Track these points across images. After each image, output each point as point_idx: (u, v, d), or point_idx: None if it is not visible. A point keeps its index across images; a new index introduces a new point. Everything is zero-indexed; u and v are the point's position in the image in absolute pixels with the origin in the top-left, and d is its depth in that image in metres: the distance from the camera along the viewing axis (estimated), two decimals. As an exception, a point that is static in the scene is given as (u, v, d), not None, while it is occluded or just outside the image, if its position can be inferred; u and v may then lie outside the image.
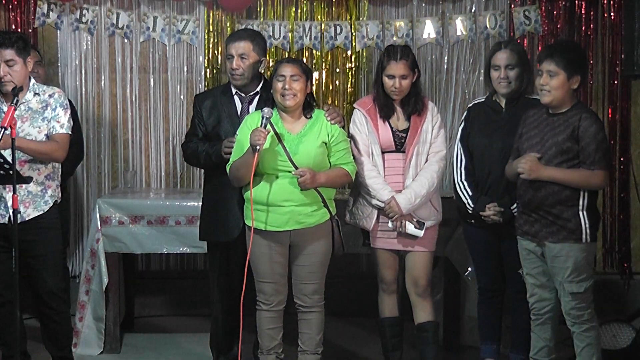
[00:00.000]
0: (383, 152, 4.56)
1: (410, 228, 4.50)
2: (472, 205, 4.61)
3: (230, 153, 4.41)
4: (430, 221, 4.57)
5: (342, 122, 4.51)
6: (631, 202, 6.28)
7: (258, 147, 4.17)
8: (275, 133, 4.31)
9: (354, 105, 4.71)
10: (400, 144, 4.56)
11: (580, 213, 4.15)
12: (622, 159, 6.26)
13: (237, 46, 4.59)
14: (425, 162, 4.58)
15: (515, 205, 4.47)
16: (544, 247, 4.24)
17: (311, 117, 4.41)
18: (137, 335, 5.69)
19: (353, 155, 4.50)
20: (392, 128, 4.56)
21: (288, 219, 4.29)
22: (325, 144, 4.36)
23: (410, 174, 4.54)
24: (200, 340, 5.31)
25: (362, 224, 4.60)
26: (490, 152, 4.58)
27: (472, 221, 4.66)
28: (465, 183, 4.67)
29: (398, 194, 4.49)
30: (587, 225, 4.15)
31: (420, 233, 4.51)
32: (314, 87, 6.26)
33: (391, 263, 4.65)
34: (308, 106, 4.43)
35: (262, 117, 4.26)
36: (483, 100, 4.75)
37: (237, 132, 4.41)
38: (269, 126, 4.26)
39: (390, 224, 4.52)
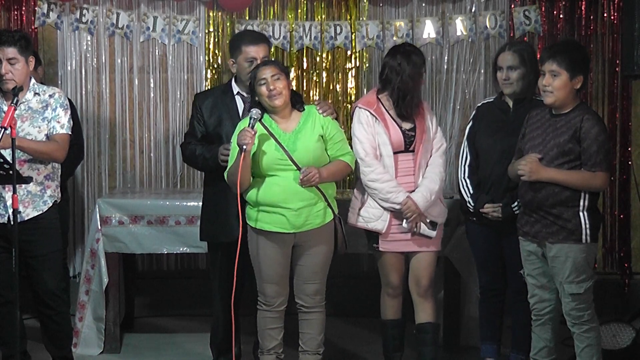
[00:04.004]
0: (394, 153, 4.54)
1: (424, 228, 4.50)
2: (472, 204, 4.63)
3: (226, 161, 4.40)
4: (440, 219, 4.59)
5: (335, 114, 4.50)
6: (631, 202, 6.29)
7: (245, 147, 4.16)
8: (270, 133, 4.31)
9: (358, 104, 4.63)
10: (409, 143, 4.55)
11: (581, 213, 4.15)
12: (622, 159, 6.27)
13: (260, 49, 4.57)
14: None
15: (515, 203, 4.48)
16: (544, 247, 4.23)
17: (303, 109, 4.41)
18: (137, 335, 5.69)
19: (360, 157, 4.49)
20: (400, 127, 4.56)
21: (294, 222, 4.29)
22: (322, 137, 4.36)
23: (421, 172, 4.55)
24: (200, 340, 5.31)
25: (374, 227, 4.56)
26: (494, 151, 4.60)
27: (474, 219, 4.68)
28: (467, 181, 4.70)
29: (413, 193, 4.49)
30: (588, 226, 4.14)
31: (433, 233, 4.52)
32: (315, 88, 6.30)
33: (399, 266, 4.63)
34: (295, 102, 4.43)
35: (250, 118, 4.26)
36: (492, 100, 4.77)
37: (231, 139, 4.39)
38: (257, 127, 4.26)
39: (405, 224, 4.51)
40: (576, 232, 4.15)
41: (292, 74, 6.30)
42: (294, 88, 6.07)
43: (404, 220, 4.50)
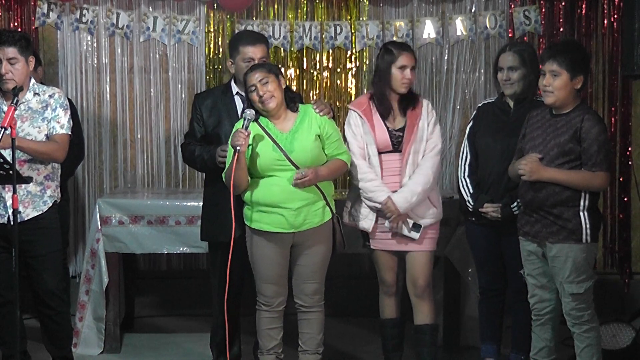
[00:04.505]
0: (380, 153, 4.55)
1: (404, 230, 4.50)
2: (472, 203, 4.63)
3: (224, 162, 4.40)
4: (429, 219, 4.56)
5: (332, 114, 4.51)
6: (631, 202, 6.29)
7: (239, 148, 4.16)
8: (267, 134, 4.31)
9: (349, 106, 4.69)
10: (397, 143, 4.55)
11: (581, 213, 4.15)
12: (622, 159, 6.27)
13: (258, 50, 4.57)
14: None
15: (515, 204, 4.48)
16: (544, 247, 4.23)
17: (297, 110, 4.41)
18: (137, 335, 5.69)
19: None
20: (387, 128, 4.56)
21: (293, 221, 4.29)
22: (319, 136, 4.36)
23: (407, 173, 4.52)
24: (200, 340, 5.31)
25: (361, 225, 4.59)
26: (493, 151, 4.60)
27: (473, 219, 4.68)
28: (467, 180, 4.70)
29: (394, 193, 4.49)
30: (588, 226, 4.14)
31: (416, 236, 4.50)
32: (315, 88, 6.30)
33: (391, 265, 4.64)
34: (290, 100, 4.42)
35: (244, 119, 4.26)
36: (493, 100, 4.78)
37: (229, 141, 4.40)
38: (251, 128, 4.26)
39: (387, 224, 4.52)
40: (576, 232, 4.14)
41: (292, 74, 6.30)
42: (294, 88, 6.10)
43: (387, 220, 4.51)
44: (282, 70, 6.17)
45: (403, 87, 4.53)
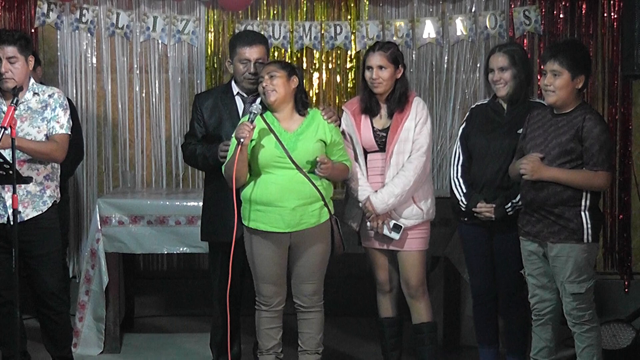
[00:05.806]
0: (366, 153, 4.56)
1: (385, 230, 4.49)
2: (465, 202, 4.61)
3: (225, 157, 4.40)
4: (413, 220, 4.53)
5: (338, 121, 4.53)
6: (631, 202, 6.29)
7: (242, 140, 4.17)
8: (271, 130, 4.31)
9: (342, 107, 4.73)
10: (382, 143, 4.54)
11: (583, 213, 4.15)
12: (622, 159, 6.27)
13: (254, 51, 4.58)
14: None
15: (509, 204, 4.46)
16: (545, 247, 4.23)
17: (305, 114, 4.42)
18: (137, 335, 5.69)
19: None
20: (373, 128, 4.56)
21: (289, 221, 4.29)
22: (324, 142, 4.36)
23: (391, 173, 4.50)
24: (200, 340, 5.32)
25: (350, 224, 4.62)
26: (487, 151, 4.58)
27: (466, 219, 4.65)
28: (460, 180, 4.67)
29: (373, 194, 4.49)
30: (589, 226, 4.14)
31: (396, 236, 4.49)
32: (315, 87, 6.29)
33: (382, 262, 4.65)
34: (302, 104, 4.42)
35: (250, 113, 4.27)
36: (486, 102, 4.76)
37: (232, 135, 4.40)
38: (256, 122, 4.27)
39: (368, 224, 4.53)
40: (578, 232, 4.14)
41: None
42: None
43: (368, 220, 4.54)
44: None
45: (373, 87, 4.52)
